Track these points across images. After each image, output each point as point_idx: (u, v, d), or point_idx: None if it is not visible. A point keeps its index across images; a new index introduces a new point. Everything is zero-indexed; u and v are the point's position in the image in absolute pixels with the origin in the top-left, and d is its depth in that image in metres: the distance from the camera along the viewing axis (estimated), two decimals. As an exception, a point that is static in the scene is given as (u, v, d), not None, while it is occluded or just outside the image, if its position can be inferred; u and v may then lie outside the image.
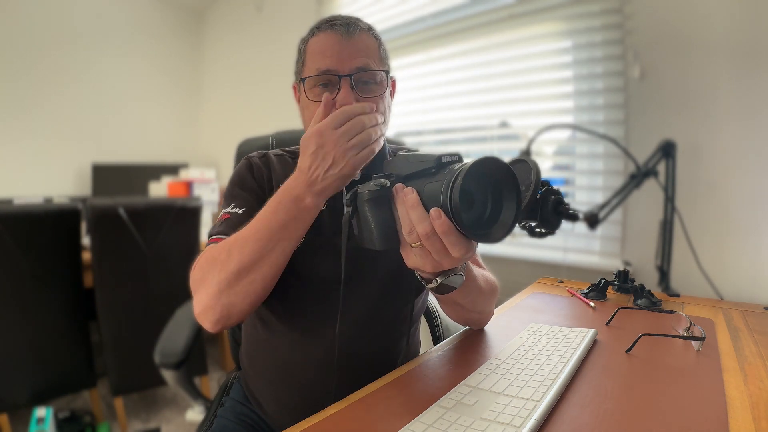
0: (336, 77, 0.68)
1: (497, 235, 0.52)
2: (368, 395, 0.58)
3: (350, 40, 0.70)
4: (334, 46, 0.69)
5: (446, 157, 0.53)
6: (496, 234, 0.52)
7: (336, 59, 0.69)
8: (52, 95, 2.93)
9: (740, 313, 0.93)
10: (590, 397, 0.56)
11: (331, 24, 0.71)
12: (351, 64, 0.69)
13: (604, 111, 1.61)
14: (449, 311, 0.76)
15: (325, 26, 0.71)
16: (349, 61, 0.69)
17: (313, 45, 0.72)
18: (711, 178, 1.37)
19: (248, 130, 1.29)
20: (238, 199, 0.73)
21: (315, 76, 0.69)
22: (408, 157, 0.57)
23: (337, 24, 0.70)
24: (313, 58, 0.70)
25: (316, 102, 0.69)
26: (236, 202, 0.72)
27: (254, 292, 0.62)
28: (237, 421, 0.80)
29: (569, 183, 1.76)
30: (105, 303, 1.73)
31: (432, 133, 2.14)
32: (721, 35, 1.33)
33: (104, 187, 2.97)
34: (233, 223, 0.69)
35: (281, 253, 0.61)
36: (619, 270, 1.10)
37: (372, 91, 0.71)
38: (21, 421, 1.76)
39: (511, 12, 1.78)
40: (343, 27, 0.70)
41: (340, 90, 0.68)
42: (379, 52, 0.74)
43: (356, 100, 0.68)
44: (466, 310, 0.74)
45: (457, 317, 0.78)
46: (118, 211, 1.67)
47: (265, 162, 0.78)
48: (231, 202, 0.73)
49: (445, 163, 0.53)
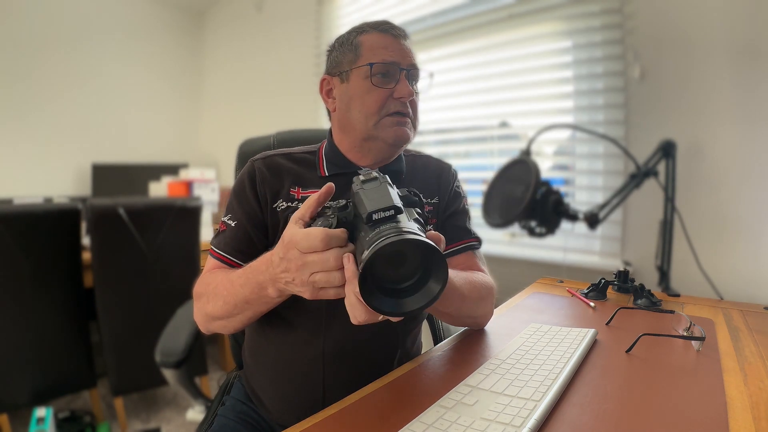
0: (398, 69, 0.75)
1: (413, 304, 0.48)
2: (369, 395, 0.58)
3: (404, 42, 0.78)
4: (394, 43, 0.76)
5: (377, 214, 0.48)
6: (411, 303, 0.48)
7: (398, 53, 0.76)
8: (52, 95, 2.93)
9: (740, 313, 0.93)
10: (590, 397, 0.56)
11: (384, 28, 0.78)
12: (409, 60, 0.77)
13: (604, 111, 1.61)
14: (439, 317, 0.77)
15: (378, 28, 0.78)
16: (407, 57, 0.77)
17: (370, 41, 0.77)
18: (711, 178, 1.37)
19: (248, 130, 1.29)
20: (233, 212, 0.77)
21: (383, 63, 0.75)
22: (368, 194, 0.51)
23: (391, 28, 0.78)
24: (374, 51, 0.76)
25: (376, 89, 0.74)
26: (231, 214, 0.77)
27: (234, 329, 0.70)
28: (238, 420, 0.80)
29: (569, 183, 1.76)
30: (105, 303, 1.73)
31: (432, 133, 2.14)
32: (721, 35, 1.33)
33: (104, 187, 2.97)
34: (227, 236, 0.75)
35: (249, 317, 0.67)
36: (619, 270, 1.10)
37: (418, 90, 0.79)
38: (21, 421, 1.76)
39: (511, 12, 1.78)
40: (397, 30, 0.78)
41: (400, 79, 0.75)
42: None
43: (410, 93, 0.75)
44: (453, 318, 0.76)
45: (450, 322, 0.79)
46: (118, 211, 1.67)
47: (269, 164, 0.78)
48: (228, 212, 0.77)
49: (376, 221, 0.48)
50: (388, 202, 0.48)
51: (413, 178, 0.82)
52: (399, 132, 0.75)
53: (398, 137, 0.75)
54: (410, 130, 0.77)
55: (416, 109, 0.79)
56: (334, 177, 0.77)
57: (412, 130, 0.78)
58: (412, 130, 0.78)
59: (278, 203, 0.76)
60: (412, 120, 0.78)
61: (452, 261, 0.81)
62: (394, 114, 0.75)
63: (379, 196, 0.49)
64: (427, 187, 0.82)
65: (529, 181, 1.12)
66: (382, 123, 0.75)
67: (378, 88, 0.74)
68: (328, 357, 0.73)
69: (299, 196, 0.76)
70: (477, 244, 0.84)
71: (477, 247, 0.84)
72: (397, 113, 0.75)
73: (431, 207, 0.82)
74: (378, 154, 0.78)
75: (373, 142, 0.77)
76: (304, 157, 0.81)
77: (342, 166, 0.78)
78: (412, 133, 0.78)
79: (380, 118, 0.74)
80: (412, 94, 0.75)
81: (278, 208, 0.75)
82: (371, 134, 0.75)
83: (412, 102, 0.77)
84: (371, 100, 0.74)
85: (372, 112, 0.74)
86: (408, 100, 0.75)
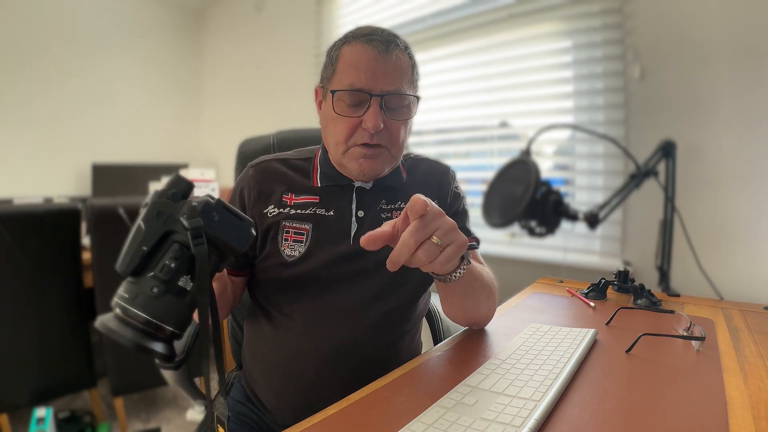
0: (367, 96, 0.68)
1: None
2: (369, 395, 0.58)
3: (387, 59, 0.68)
4: (370, 63, 0.68)
5: None
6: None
7: (370, 77, 0.67)
8: (52, 95, 2.93)
9: (740, 313, 0.93)
10: (590, 397, 0.56)
11: (370, 38, 0.69)
12: (384, 84, 0.68)
13: (604, 111, 1.61)
14: (451, 310, 0.76)
15: (363, 38, 0.69)
16: (383, 81, 0.68)
17: (347, 55, 0.70)
18: (711, 178, 1.37)
19: (248, 129, 1.29)
20: None
21: (347, 91, 0.68)
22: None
23: (377, 39, 0.68)
24: (346, 71, 0.69)
25: (342, 117, 0.69)
26: None
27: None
28: (236, 421, 0.80)
29: (569, 183, 1.76)
30: (105, 303, 1.72)
31: (432, 133, 2.14)
32: (721, 35, 1.33)
33: (104, 187, 2.97)
34: None
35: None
36: (619, 270, 1.10)
37: (399, 114, 0.71)
38: (21, 421, 1.76)
39: (511, 12, 1.78)
40: (382, 44, 0.68)
41: (369, 108, 0.68)
42: (412, 74, 0.73)
43: (383, 122, 0.68)
44: (464, 306, 0.75)
45: (462, 315, 0.78)
46: (118, 211, 1.67)
47: (263, 170, 0.80)
48: None
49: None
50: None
51: (413, 182, 0.83)
52: (364, 166, 0.71)
53: (362, 172, 0.71)
54: (382, 162, 0.72)
55: (397, 135, 0.72)
56: (327, 188, 0.78)
57: (388, 159, 0.73)
58: (388, 160, 0.73)
59: (269, 209, 0.76)
60: (389, 148, 0.72)
61: None
62: (363, 145, 0.70)
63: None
64: (426, 191, 0.81)
65: (529, 181, 1.12)
66: (350, 153, 0.71)
67: (340, 116, 0.69)
68: (325, 356, 0.73)
69: (291, 202, 0.77)
70: (475, 244, 0.85)
71: (475, 248, 0.85)
72: (365, 145, 0.70)
73: None
74: (358, 177, 0.76)
75: (345, 170, 0.75)
76: (300, 164, 0.81)
77: (334, 178, 0.78)
78: (385, 165, 0.73)
79: (347, 147, 0.71)
80: (379, 128, 0.67)
81: (269, 213, 0.76)
82: (341, 162, 0.74)
83: (391, 128, 0.70)
84: (338, 129, 0.70)
85: (339, 140, 0.71)
86: (377, 132, 0.68)
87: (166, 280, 0.44)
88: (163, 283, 0.43)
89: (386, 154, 0.72)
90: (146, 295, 0.43)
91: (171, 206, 0.46)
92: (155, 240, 0.44)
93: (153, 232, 0.45)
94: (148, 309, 0.43)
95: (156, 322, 0.43)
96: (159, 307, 0.43)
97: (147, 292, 0.43)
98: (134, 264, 0.44)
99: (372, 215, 0.77)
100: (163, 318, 0.43)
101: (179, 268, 0.44)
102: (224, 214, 0.46)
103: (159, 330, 0.43)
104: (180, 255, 0.44)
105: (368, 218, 0.77)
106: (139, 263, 0.44)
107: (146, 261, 0.44)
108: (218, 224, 0.46)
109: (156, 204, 0.46)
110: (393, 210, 0.79)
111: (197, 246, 0.43)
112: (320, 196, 0.77)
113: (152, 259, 0.44)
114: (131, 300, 0.43)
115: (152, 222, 0.45)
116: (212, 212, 0.45)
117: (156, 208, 0.45)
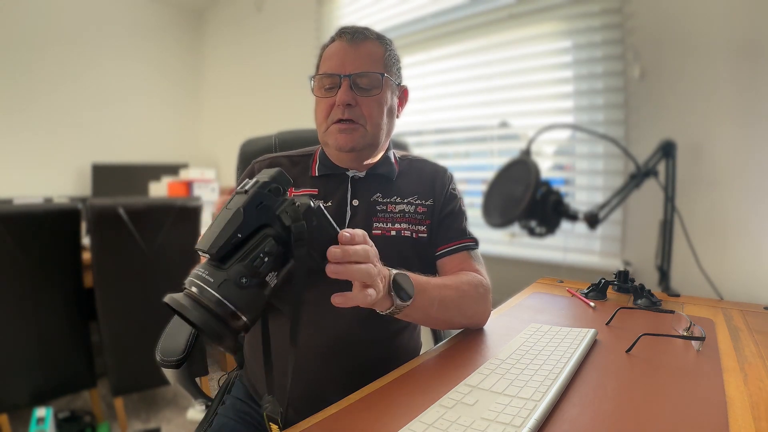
0: (338, 78, 0.77)
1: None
2: (369, 394, 0.58)
3: (355, 48, 0.78)
4: (339, 52, 0.79)
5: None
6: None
7: (340, 63, 0.78)
8: (52, 95, 2.93)
9: (740, 313, 0.93)
10: (590, 397, 0.56)
11: (342, 32, 0.80)
12: (352, 68, 0.77)
13: (604, 111, 1.61)
14: (425, 324, 0.79)
15: (337, 36, 0.81)
16: (350, 65, 0.77)
17: (328, 51, 0.81)
18: (711, 178, 1.37)
19: (248, 130, 1.29)
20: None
21: (319, 75, 0.80)
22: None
23: (346, 33, 0.79)
24: (324, 64, 0.80)
25: (321, 99, 0.80)
26: None
27: None
28: (238, 419, 0.80)
29: (569, 183, 1.76)
30: (105, 303, 1.73)
31: (432, 133, 2.14)
32: (721, 35, 1.33)
33: (104, 187, 2.97)
34: None
35: None
36: (619, 270, 1.10)
37: (370, 93, 0.78)
38: (21, 421, 1.76)
39: (511, 12, 1.78)
40: (350, 35, 0.79)
41: (340, 87, 0.76)
42: (383, 58, 0.80)
43: (353, 99, 0.77)
44: (436, 321, 0.76)
45: (443, 326, 0.81)
46: (118, 211, 1.67)
47: (268, 165, 0.84)
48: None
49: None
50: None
51: (408, 181, 0.85)
52: (339, 139, 0.78)
53: (338, 144, 0.78)
54: (357, 136, 0.78)
55: (369, 112, 0.78)
56: (323, 177, 0.83)
57: (363, 134, 0.79)
58: (363, 135, 0.79)
59: None
60: (363, 124, 0.78)
61: (447, 261, 0.83)
62: (338, 122, 0.78)
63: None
64: (421, 190, 0.85)
65: (529, 181, 1.12)
66: (330, 131, 0.79)
67: (322, 98, 0.79)
68: (323, 348, 0.74)
69: (291, 195, 0.79)
70: (473, 244, 0.85)
71: (473, 248, 0.85)
72: (340, 120, 0.78)
73: (425, 209, 0.84)
74: (340, 159, 0.82)
75: (328, 149, 0.82)
76: (301, 159, 0.86)
77: (330, 168, 0.83)
78: (361, 139, 0.79)
79: (327, 126, 0.79)
80: (346, 101, 0.76)
81: None
82: (324, 140, 0.82)
83: (362, 105, 0.77)
84: (319, 110, 0.81)
85: (320, 121, 0.81)
86: (345, 106, 0.76)
87: (257, 273, 0.44)
88: (254, 275, 0.44)
89: (361, 129, 0.79)
90: (233, 283, 0.43)
91: (272, 200, 0.47)
92: (251, 230, 0.45)
93: (251, 221, 0.45)
94: (232, 297, 0.43)
95: (236, 311, 0.43)
96: (242, 298, 0.43)
97: (235, 280, 0.43)
98: (226, 249, 0.44)
99: (366, 204, 0.81)
100: (243, 309, 0.43)
101: (272, 263, 0.45)
102: (321, 221, 0.48)
103: (235, 319, 0.43)
104: (274, 251, 0.45)
105: (362, 207, 0.81)
106: (230, 249, 0.44)
107: (236, 248, 0.45)
108: (315, 229, 0.47)
109: (259, 195, 0.46)
110: (388, 203, 0.82)
111: (298, 249, 0.45)
112: (319, 188, 0.82)
113: (240, 248, 0.45)
114: (215, 285, 0.43)
115: (252, 212, 0.45)
116: (312, 216, 0.47)
117: (258, 198, 0.46)
